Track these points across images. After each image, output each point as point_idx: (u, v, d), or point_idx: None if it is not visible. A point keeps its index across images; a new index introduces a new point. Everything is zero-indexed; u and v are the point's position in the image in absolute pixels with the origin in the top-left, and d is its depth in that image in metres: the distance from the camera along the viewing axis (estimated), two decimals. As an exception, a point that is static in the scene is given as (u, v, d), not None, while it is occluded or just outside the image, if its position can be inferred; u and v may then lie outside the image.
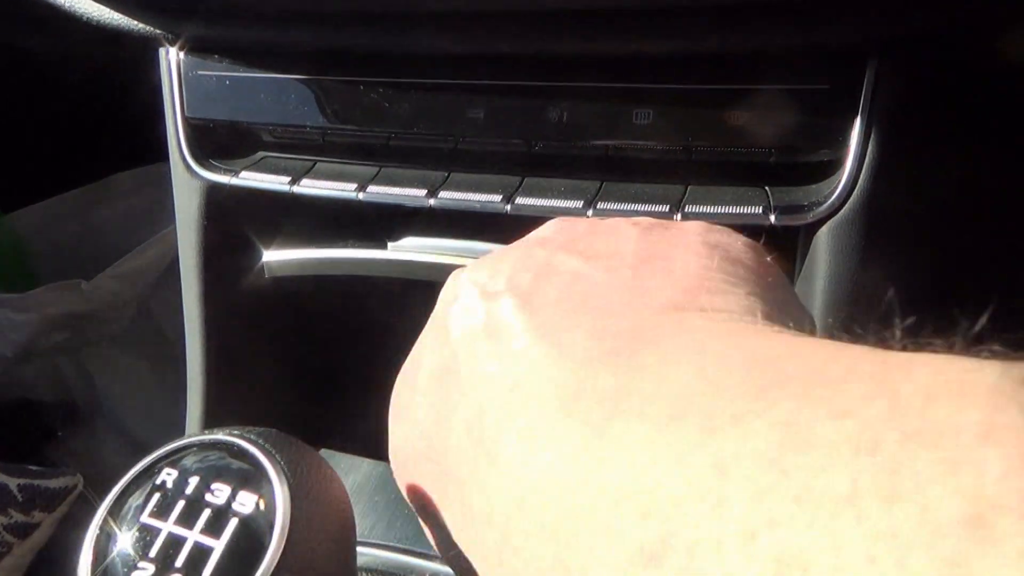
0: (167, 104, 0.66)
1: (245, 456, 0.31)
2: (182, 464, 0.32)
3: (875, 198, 0.50)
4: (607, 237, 0.31)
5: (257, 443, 0.31)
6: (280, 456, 0.31)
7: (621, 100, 0.54)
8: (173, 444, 0.33)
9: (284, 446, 0.32)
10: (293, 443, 0.32)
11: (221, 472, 0.31)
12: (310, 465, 0.32)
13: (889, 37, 0.48)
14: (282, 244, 0.67)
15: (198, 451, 0.33)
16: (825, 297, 0.51)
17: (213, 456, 0.32)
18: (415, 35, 0.57)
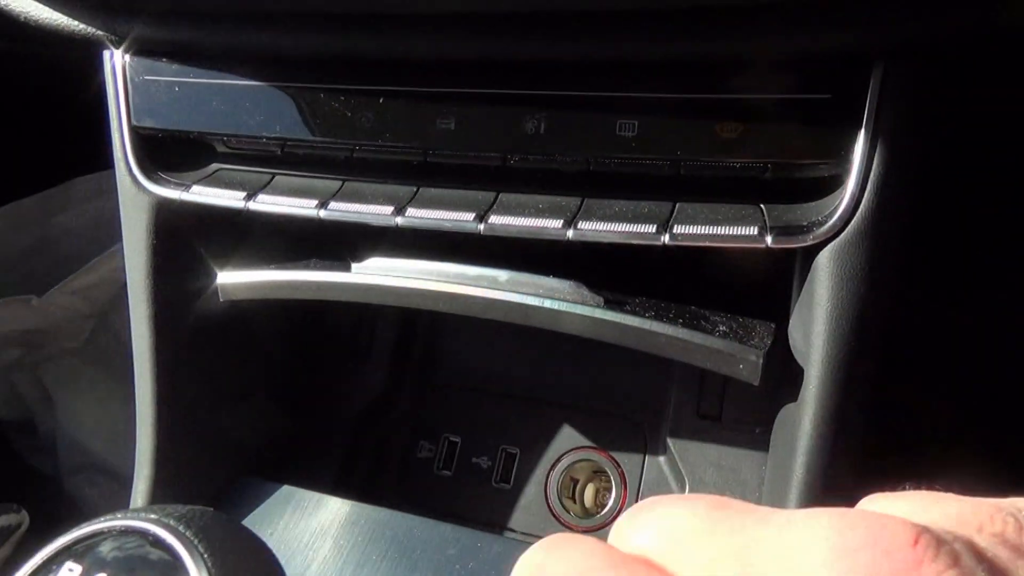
0: (112, 111, 0.61)
1: (162, 546, 0.26)
2: (93, 553, 0.27)
3: (882, 217, 0.45)
4: None
5: (176, 530, 0.27)
6: (203, 545, 0.26)
7: (604, 110, 0.49)
8: (82, 529, 0.28)
9: (208, 532, 0.27)
10: (221, 526, 0.27)
11: (134, 565, 0.26)
12: (240, 552, 0.27)
13: (896, 41, 0.44)
14: (238, 265, 0.62)
15: (112, 538, 0.28)
16: (828, 326, 0.46)
17: (130, 544, 0.27)
18: (380, 38, 0.52)
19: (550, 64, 0.50)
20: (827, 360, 0.46)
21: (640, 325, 0.51)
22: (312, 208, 0.55)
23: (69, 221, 1.20)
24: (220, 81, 0.57)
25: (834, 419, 0.46)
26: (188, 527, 0.27)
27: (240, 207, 0.57)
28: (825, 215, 0.47)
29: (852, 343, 0.46)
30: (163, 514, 0.28)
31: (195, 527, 0.27)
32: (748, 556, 0.23)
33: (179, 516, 0.28)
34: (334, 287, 0.57)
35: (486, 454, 0.70)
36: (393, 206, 0.54)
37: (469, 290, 0.54)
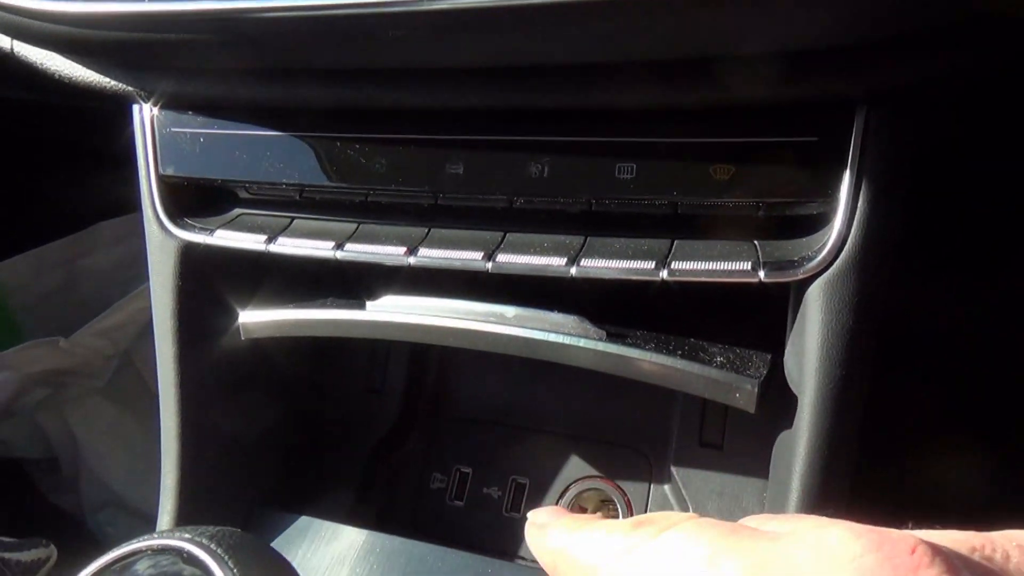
0: (140, 161, 0.64)
1: (196, 562, 0.29)
2: (131, 571, 0.30)
3: (867, 252, 0.48)
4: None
5: (208, 548, 0.29)
6: (233, 562, 0.29)
7: (603, 154, 0.52)
8: (121, 549, 0.31)
9: (238, 550, 0.29)
10: (249, 545, 0.30)
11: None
12: (266, 570, 0.29)
13: (876, 87, 0.47)
14: (258, 304, 0.65)
15: (149, 557, 0.30)
16: (819, 354, 0.49)
17: (165, 561, 0.30)
18: (392, 90, 0.55)
19: (552, 112, 0.53)
20: (819, 388, 0.48)
21: (641, 356, 0.53)
22: (329, 250, 0.58)
23: (94, 264, 1.24)
24: (242, 132, 0.61)
25: (827, 444, 0.48)
26: (219, 545, 0.30)
27: (261, 249, 0.60)
28: (815, 250, 0.49)
29: (843, 371, 0.48)
30: (195, 533, 0.30)
31: (225, 545, 0.30)
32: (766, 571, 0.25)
33: (211, 535, 0.30)
34: (349, 324, 0.60)
35: (497, 484, 0.72)
36: (406, 247, 0.57)
37: (477, 326, 0.57)
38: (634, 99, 0.50)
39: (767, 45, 0.47)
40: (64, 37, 0.57)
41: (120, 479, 1.12)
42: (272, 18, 0.49)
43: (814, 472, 0.48)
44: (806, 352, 0.49)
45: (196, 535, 0.30)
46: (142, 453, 1.13)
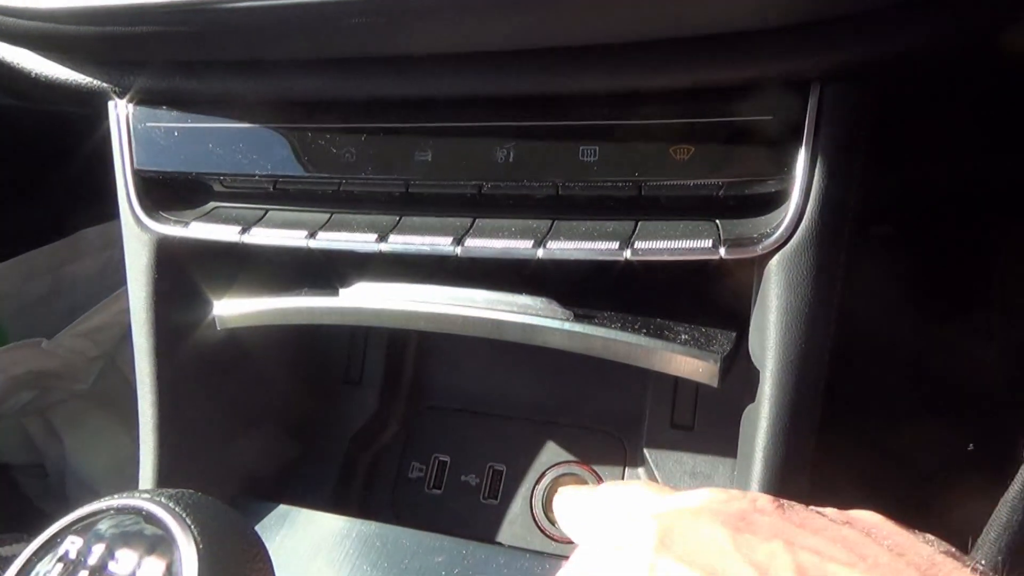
0: (116, 156, 0.65)
1: (155, 521, 0.30)
2: (92, 530, 0.31)
3: (823, 228, 0.49)
4: None
5: (167, 506, 0.30)
6: (192, 520, 0.30)
7: (566, 138, 0.53)
8: (84, 509, 0.32)
9: (198, 509, 0.30)
10: (209, 506, 0.31)
11: (129, 539, 0.29)
12: (226, 528, 0.30)
13: (830, 66, 0.48)
14: (234, 296, 0.66)
15: (111, 516, 0.31)
16: (779, 328, 0.50)
17: (127, 521, 0.31)
18: (360, 80, 0.56)
19: (516, 98, 0.54)
20: (779, 361, 0.49)
21: (607, 335, 0.54)
22: (302, 239, 0.59)
23: (78, 270, 1.24)
24: (215, 125, 0.62)
25: (788, 416, 0.49)
26: (178, 504, 0.30)
27: (236, 240, 0.61)
28: (773, 227, 0.50)
29: (802, 344, 0.49)
30: (155, 494, 0.31)
31: (184, 504, 0.30)
32: None
33: (170, 495, 0.31)
34: (323, 312, 0.61)
35: (474, 472, 0.73)
36: (377, 234, 0.58)
37: (448, 309, 0.58)
38: (593, 83, 0.51)
39: (722, 26, 0.48)
40: (35, 33, 0.58)
41: (107, 482, 1.12)
42: (237, 8, 0.50)
43: (776, 444, 0.49)
44: (767, 327, 0.50)
45: (155, 495, 0.31)
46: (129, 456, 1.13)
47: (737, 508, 0.32)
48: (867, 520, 0.33)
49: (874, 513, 0.34)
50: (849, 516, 0.34)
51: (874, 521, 0.33)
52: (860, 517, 0.34)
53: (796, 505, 0.33)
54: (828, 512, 0.34)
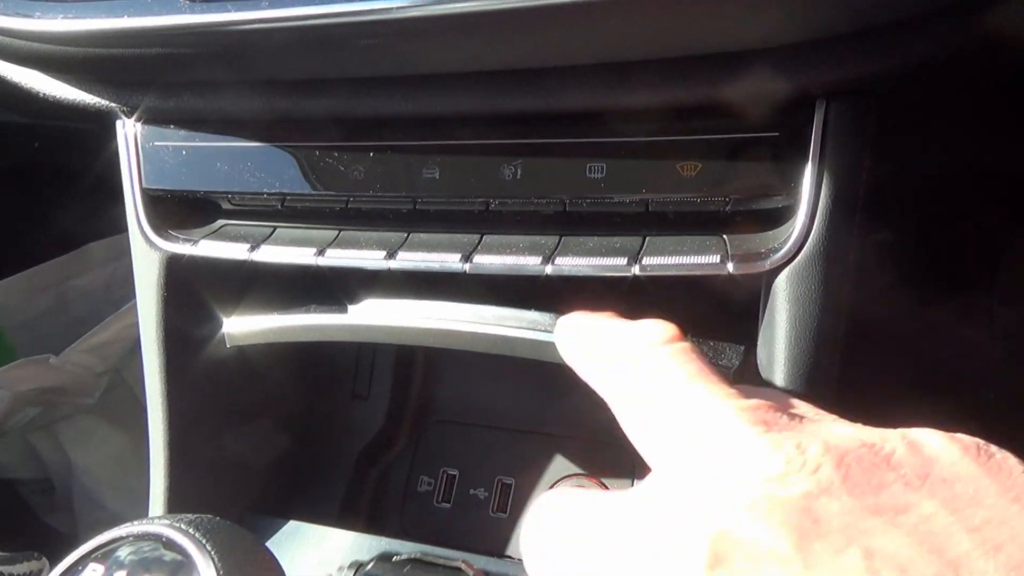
0: (124, 176, 0.65)
1: (175, 547, 0.30)
2: (113, 557, 0.31)
3: (830, 243, 0.49)
4: None
5: (187, 532, 0.30)
6: (211, 545, 0.30)
7: (574, 155, 0.54)
8: (104, 536, 0.32)
9: (217, 533, 0.30)
10: (227, 530, 0.31)
11: (150, 565, 0.30)
12: (244, 553, 0.30)
13: (835, 83, 0.49)
14: (243, 312, 0.66)
15: (130, 543, 0.31)
16: (788, 342, 0.50)
17: (145, 547, 0.31)
18: (367, 98, 0.57)
19: (524, 115, 0.55)
20: (788, 376, 0.50)
21: (616, 351, 0.54)
22: (311, 256, 0.59)
23: (84, 284, 1.25)
24: (223, 144, 0.62)
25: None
26: (198, 530, 0.31)
27: (245, 258, 0.61)
28: (780, 242, 0.51)
29: (810, 358, 0.49)
30: (175, 520, 0.31)
31: (204, 530, 0.31)
32: None
33: (189, 521, 0.31)
34: (332, 329, 0.62)
35: (483, 485, 0.73)
36: (385, 251, 0.58)
37: (457, 326, 0.58)
38: (599, 101, 0.52)
39: (727, 46, 0.48)
40: (44, 55, 0.59)
41: (114, 496, 1.13)
42: (248, 30, 0.50)
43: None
44: (775, 341, 0.50)
45: (175, 521, 0.31)
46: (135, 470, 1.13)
47: (799, 491, 0.27)
48: (944, 464, 0.28)
49: (940, 436, 0.30)
50: (924, 458, 0.29)
51: (952, 464, 0.28)
52: (935, 458, 0.29)
53: (862, 455, 0.28)
54: (897, 454, 0.29)
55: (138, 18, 0.52)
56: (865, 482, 0.27)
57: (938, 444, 0.29)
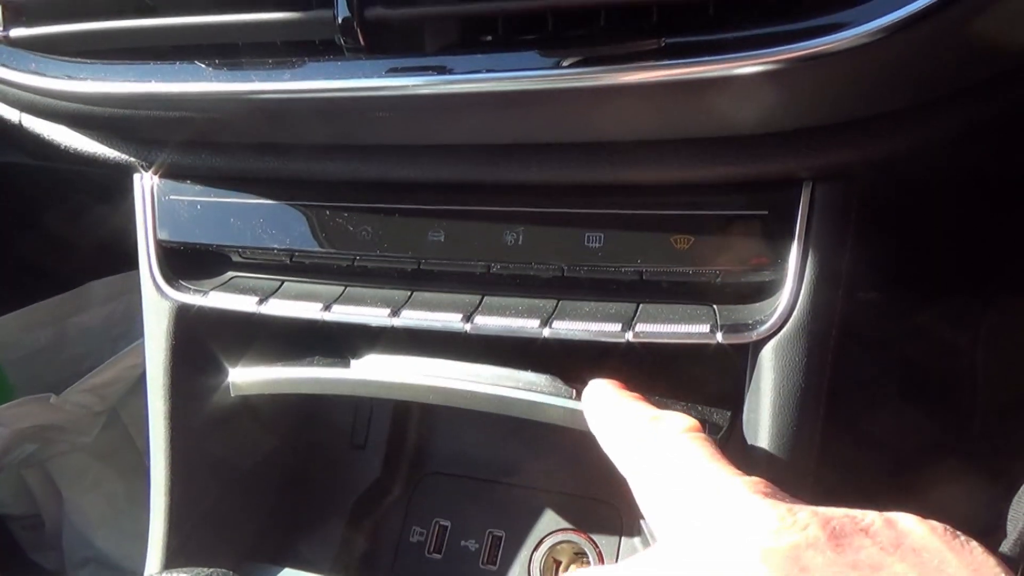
0: (139, 227, 0.68)
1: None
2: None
3: (814, 317, 0.52)
4: None
5: (204, 587, 0.32)
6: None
7: (573, 224, 0.56)
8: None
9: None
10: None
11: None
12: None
13: (819, 167, 0.52)
14: (248, 363, 0.68)
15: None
16: (772, 411, 0.52)
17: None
18: (377, 164, 0.60)
19: (527, 185, 0.58)
20: (772, 442, 0.52)
21: (608, 414, 0.57)
22: (317, 311, 0.62)
23: (83, 322, 1.26)
24: (236, 200, 0.65)
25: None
26: (213, 584, 0.32)
27: (253, 311, 0.63)
28: (767, 314, 0.53)
29: (794, 427, 0.52)
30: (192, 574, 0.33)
31: (218, 584, 0.33)
32: None
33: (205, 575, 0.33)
34: (334, 383, 0.64)
35: (474, 537, 0.74)
36: (390, 309, 0.60)
37: (455, 384, 0.60)
38: (599, 176, 0.55)
39: (720, 132, 0.52)
40: (71, 113, 0.62)
41: (103, 535, 1.13)
42: (268, 99, 0.53)
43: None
44: (760, 408, 0.53)
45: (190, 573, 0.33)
46: (126, 509, 1.14)
47: (789, 543, 0.32)
48: (915, 539, 0.33)
49: (916, 520, 0.34)
50: (898, 532, 0.33)
51: (922, 539, 0.33)
52: (907, 533, 0.33)
53: (845, 525, 0.33)
54: (877, 529, 0.33)
55: (163, 83, 0.55)
56: (847, 543, 0.32)
57: (910, 523, 0.34)
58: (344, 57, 0.51)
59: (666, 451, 0.40)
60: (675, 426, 0.42)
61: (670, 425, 0.43)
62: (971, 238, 0.74)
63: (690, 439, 0.40)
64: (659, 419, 0.44)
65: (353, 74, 0.50)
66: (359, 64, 0.50)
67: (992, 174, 0.68)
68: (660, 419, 0.44)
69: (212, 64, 0.54)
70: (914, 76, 0.47)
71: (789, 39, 0.43)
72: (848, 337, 0.54)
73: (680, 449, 0.40)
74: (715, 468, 0.37)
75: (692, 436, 0.41)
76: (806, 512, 0.34)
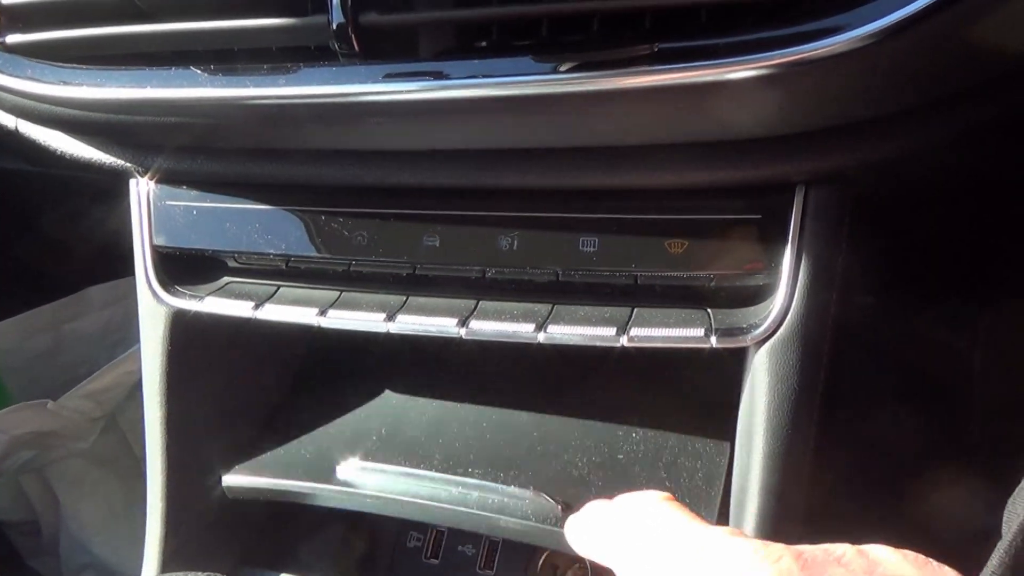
0: (136, 232, 0.68)
1: (185, 605, 0.32)
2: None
3: (808, 321, 0.52)
4: None
5: (197, 591, 0.32)
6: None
7: (568, 229, 0.56)
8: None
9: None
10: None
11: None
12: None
13: (811, 172, 0.52)
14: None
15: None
16: (767, 412, 0.53)
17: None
18: (373, 169, 0.60)
19: (521, 190, 0.58)
20: (767, 442, 0.52)
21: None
22: (313, 316, 0.62)
23: (80, 328, 1.26)
24: (232, 205, 0.65)
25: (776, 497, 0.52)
26: (207, 588, 0.32)
27: (249, 316, 0.63)
28: (761, 318, 0.53)
29: (789, 428, 0.52)
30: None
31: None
32: None
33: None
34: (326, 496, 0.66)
35: (471, 542, 0.74)
36: (385, 313, 0.61)
37: (442, 505, 0.62)
38: (594, 180, 0.55)
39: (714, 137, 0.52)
40: (67, 118, 0.62)
41: (100, 541, 1.13)
42: (263, 105, 0.53)
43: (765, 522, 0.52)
44: (755, 413, 0.53)
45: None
46: (123, 515, 1.14)
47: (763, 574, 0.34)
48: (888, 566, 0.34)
49: (889, 550, 0.35)
50: (870, 561, 0.35)
51: (895, 566, 0.34)
52: (880, 561, 0.35)
53: (817, 556, 0.35)
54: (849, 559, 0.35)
55: (159, 89, 0.55)
56: (819, 571, 0.33)
57: (883, 552, 0.35)
58: (339, 63, 0.51)
59: (649, 520, 0.41)
60: (652, 498, 0.43)
61: (647, 498, 0.43)
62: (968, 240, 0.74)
63: (670, 507, 0.42)
64: (636, 496, 0.45)
65: (348, 80, 0.51)
66: (354, 70, 0.50)
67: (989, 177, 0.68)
68: (636, 496, 0.45)
69: (208, 70, 0.54)
70: (911, 80, 0.48)
71: (784, 43, 0.43)
72: (843, 340, 0.54)
73: (662, 515, 0.41)
74: (697, 525, 0.39)
75: (671, 504, 0.42)
76: (779, 547, 0.35)
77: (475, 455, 0.66)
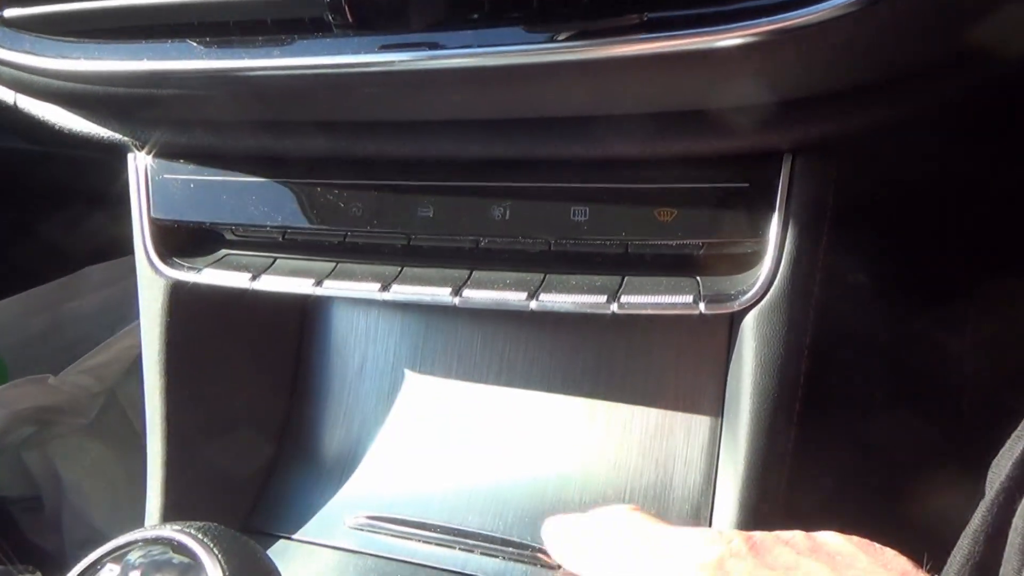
0: (134, 206, 0.69)
1: (185, 550, 0.33)
2: (126, 559, 0.34)
3: (794, 287, 0.53)
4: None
5: (196, 537, 0.33)
6: (218, 549, 0.33)
7: (559, 199, 0.57)
8: (118, 540, 0.35)
9: (223, 539, 0.33)
10: (232, 536, 0.34)
11: (162, 566, 0.33)
12: (248, 557, 0.34)
13: (799, 140, 0.53)
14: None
15: (141, 546, 0.34)
16: (754, 377, 0.54)
17: (155, 551, 0.34)
18: (368, 141, 0.61)
19: (513, 160, 0.59)
20: (753, 406, 0.53)
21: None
22: (309, 286, 0.63)
23: (81, 307, 1.27)
24: (229, 178, 0.66)
25: (761, 461, 0.53)
26: (206, 535, 0.34)
27: (246, 287, 0.64)
28: (749, 285, 0.54)
29: (775, 392, 0.53)
30: (184, 526, 0.34)
31: (211, 536, 0.34)
32: None
33: (199, 527, 0.34)
34: None
35: None
36: (380, 283, 0.62)
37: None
38: (584, 150, 0.56)
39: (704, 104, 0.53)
40: (65, 92, 0.63)
41: (103, 516, 1.14)
42: (258, 76, 0.54)
43: (749, 488, 0.53)
44: (742, 376, 0.54)
45: (185, 527, 0.34)
46: (125, 490, 1.15)
47: (716, 554, 0.37)
48: (832, 546, 0.38)
49: (837, 535, 0.38)
50: (816, 542, 0.38)
51: (838, 546, 0.38)
52: (825, 542, 0.38)
53: (767, 538, 0.38)
54: (796, 540, 0.38)
55: (156, 61, 0.56)
56: (766, 550, 0.37)
57: (830, 536, 0.39)
58: (333, 34, 0.52)
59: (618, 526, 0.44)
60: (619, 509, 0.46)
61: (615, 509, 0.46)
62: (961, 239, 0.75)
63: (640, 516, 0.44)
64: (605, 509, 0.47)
65: (341, 50, 0.51)
66: (348, 41, 0.51)
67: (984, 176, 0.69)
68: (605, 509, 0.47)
69: (203, 42, 0.55)
70: (897, 46, 0.48)
71: (772, 11, 0.44)
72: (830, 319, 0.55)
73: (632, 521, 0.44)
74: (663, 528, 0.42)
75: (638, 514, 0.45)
76: (733, 532, 0.39)
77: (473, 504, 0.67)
